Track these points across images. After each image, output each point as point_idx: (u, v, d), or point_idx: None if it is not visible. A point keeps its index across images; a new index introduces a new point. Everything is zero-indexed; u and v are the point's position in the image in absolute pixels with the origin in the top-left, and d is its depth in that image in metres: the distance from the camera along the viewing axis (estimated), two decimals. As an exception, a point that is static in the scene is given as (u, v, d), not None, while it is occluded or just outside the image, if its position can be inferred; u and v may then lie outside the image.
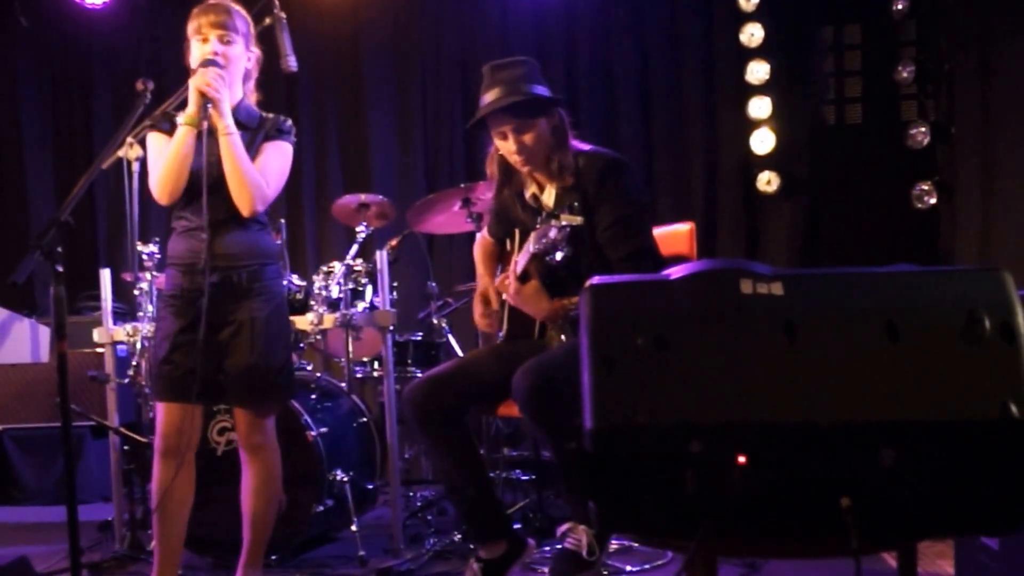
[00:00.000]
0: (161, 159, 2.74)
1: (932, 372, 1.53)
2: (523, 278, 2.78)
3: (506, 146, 2.86)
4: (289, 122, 2.91)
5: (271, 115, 2.90)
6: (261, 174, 2.78)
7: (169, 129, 2.77)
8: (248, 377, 2.77)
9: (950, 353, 1.53)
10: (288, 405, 3.37)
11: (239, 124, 2.82)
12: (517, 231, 3.00)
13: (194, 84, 2.68)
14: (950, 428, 1.51)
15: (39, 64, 6.12)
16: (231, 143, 2.71)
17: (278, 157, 2.85)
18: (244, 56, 2.84)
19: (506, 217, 3.08)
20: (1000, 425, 1.50)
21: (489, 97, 2.83)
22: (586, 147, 2.90)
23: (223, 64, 2.73)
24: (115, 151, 2.67)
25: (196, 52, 2.76)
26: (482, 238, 3.25)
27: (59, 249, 2.26)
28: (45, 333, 3.60)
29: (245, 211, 2.75)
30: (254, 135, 2.84)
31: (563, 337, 2.86)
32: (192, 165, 2.74)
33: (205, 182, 2.69)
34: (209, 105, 2.67)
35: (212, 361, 2.78)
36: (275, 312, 2.83)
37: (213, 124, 2.70)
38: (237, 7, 2.85)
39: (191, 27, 2.80)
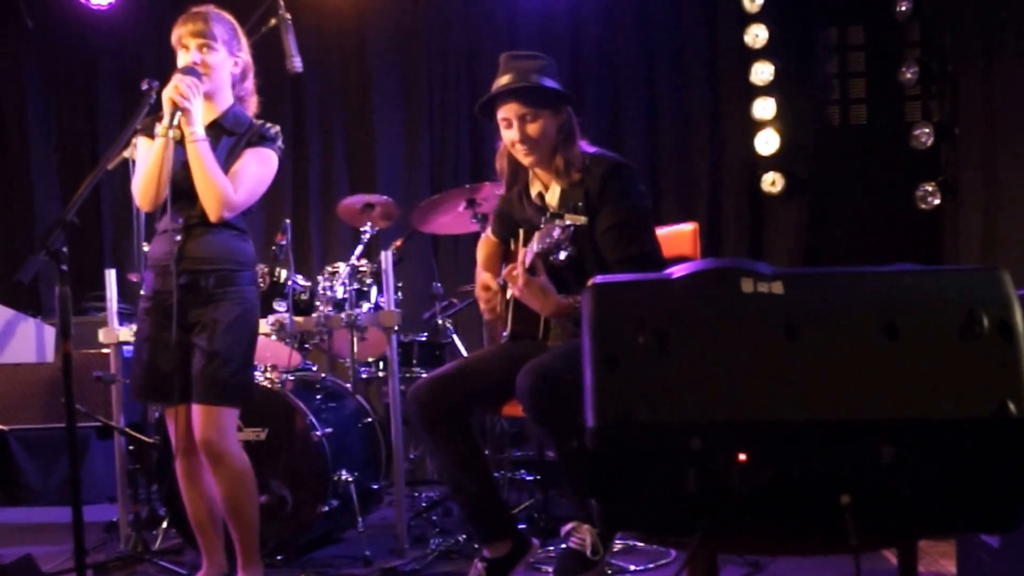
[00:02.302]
0: (141, 167, 2.78)
1: (931, 370, 1.54)
2: (531, 271, 2.79)
3: (510, 134, 2.88)
4: (275, 129, 2.90)
5: (260, 121, 2.91)
6: (233, 179, 2.78)
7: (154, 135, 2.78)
8: (202, 376, 2.78)
9: (949, 351, 1.54)
10: (293, 405, 3.39)
11: (224, 130, 2.84)
12: (521, 231, 3.01)
13: (165, 94, 2.69)
14: (949, 426, 1.52)
15: (45, 65, 6.15)
16: (198, 150, 2.73)
17: (254, 164, 2.84)
18: (228, 62, 2.85)
19: (510, 217, 3.09)
20: (998, 423, 1.51)
21: (501, 81, 2.86)
22: (591, 149, 2.92)
23: (201, 73, 2.75)
24: (120, 152, 2.68)
25: (179, 62, 2.79)
26: (486, 238, 3.26)
27: (64, 249, 2.27)
28: (50, 333, 3.63)
29: (212, 217, 2.78)
30: (238, 141, 2.84)
31: (566, 337, 2.87)
32: (172, 171, 2.77)
33: (169, 189, 2.72)
34: (179, 113, 2.68)
35: (187, 361, 2.82)
36: (240, 317, 2.83)
37: (182, 132, 2.71)
38: (220, 14, 2.86)
39: (174, 37, 2.82)
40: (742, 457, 1.54)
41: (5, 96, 6.13)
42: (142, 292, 2.94)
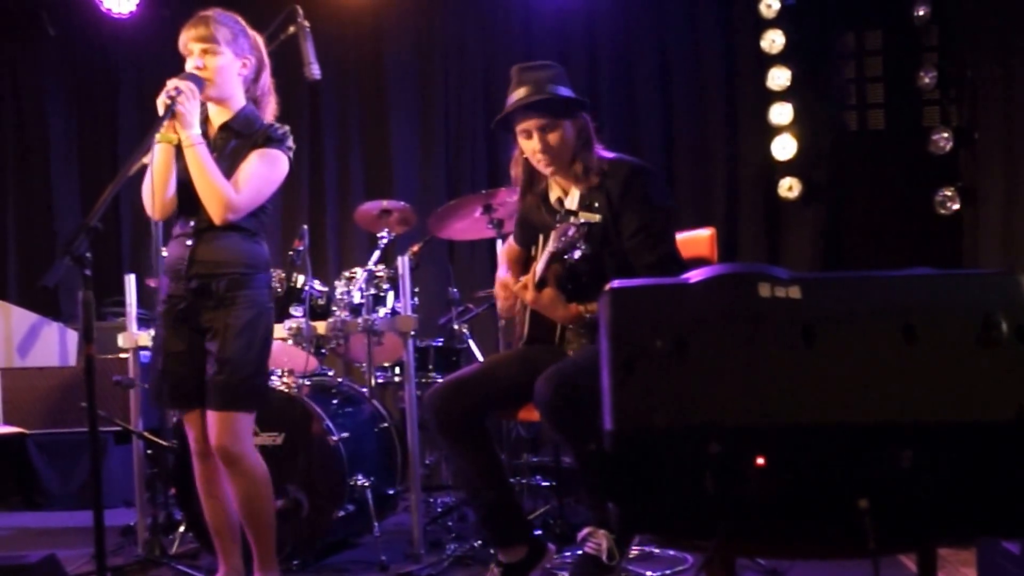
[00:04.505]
0: (147, 176, 2.78)
1: (949, 374, 1.54)
2: (540, 285, 2.80)
3: (530, 145, 2.89)
4: (283, 130, 2.86)
5: (269, 123, 2.88)
6: (236, 182, 2.76)
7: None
8: (214, 383, 2.77)
9: (967, 355, 1.54)
10: (309, 409, 3.40)
11: (234, 132, 2.84)
12: (541, 236, 3.02)
13: (159, 100, 2.68)
14: (967, 430, 1.52)
15: (66, 73, 6.20)
16: (196, 154, 2.71)
17: (259, 165, 2.80)
18: (235, 64, 2.82)
19: (529, 222, 3.10)
20: (1017, 427, 1.50)
21: (517, 95, 2.87)
22: (611, 154, 2.93)
23: (202, 77, 2.74)
24: (141, 158, 2.70)
25: (187, 67, 2.78)
26: (509, 245, 3.27)
27: (88, 255, 2.29)
28: (73, 337, 3.66)
29: (215, 220, 2.76)
30: (246, 144, 2.82)
31: (583, 342, 2.88)
32: (178, 176, 2.78)
33: (174, 194, 2.74)
34: (169, 117, 2.65)
35: (202, 366, 2.83)
36: (252, 322, 2.80)
37: (177, 136, 2.70)
38: (226, 15, 2.84)
39: (180, 43, 2.81)
40: (760, 461, 1.54)
41: (27, 103, 6.19)
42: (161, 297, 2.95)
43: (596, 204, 2.81)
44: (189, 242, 2.82)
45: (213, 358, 2.78)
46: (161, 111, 2.66)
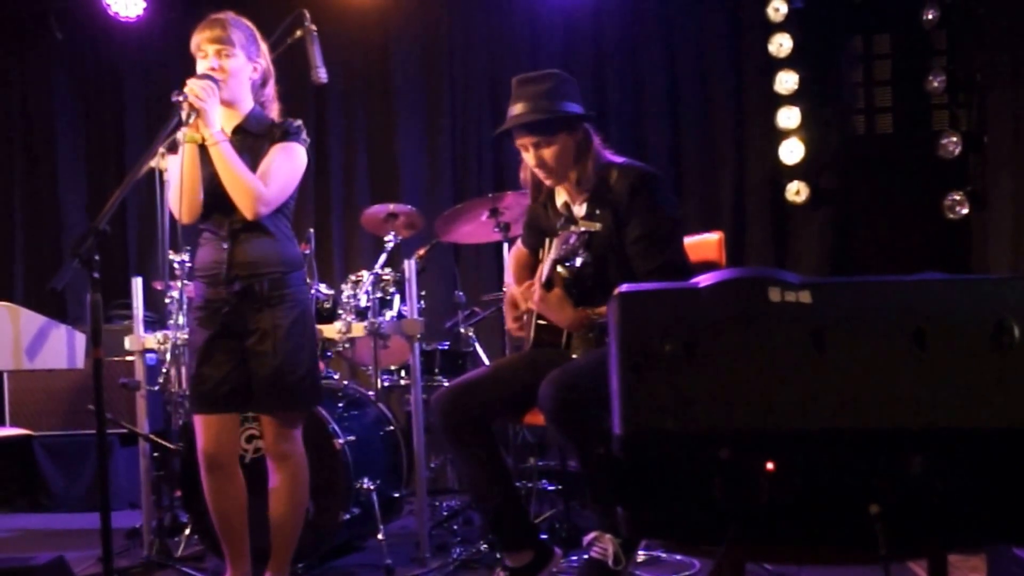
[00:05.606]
0: (173, 181, 2.79)
1: (960, 379, 1.53)
2: (547, 286, 2.80)
3: (529, 158, 2.90)
4: (297, 123, 2.90)
5: (283, 119, 2.91)
6: (262, 176, 2.78)
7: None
8: (272, 386, 2.80)
9: (978, 360, 1.53)
10: (315, 413, 3.40)
11: (249, 133, 2.86)
12: (547, 240, 3.02)
13: (182, 101, 2.68)
14: (979, 435, 1.51)
15: (73, 76, 6.22)
16: (221, 151, 2.74)
17: (281, 158, 2.83)
18: (247, 67, 2.86)
19: (537, 226, 3.10)
20: (1029, 433, 1.49)
21: (514, 111, 2.87)
22: (619, 160, 2.92)
23: (218, 79, 2.75)
24: (148, 161, 2.70)
25: (198, 69, 2.80)
26: (517, 249, 3.27)
27: (96, 257, 2.29)
28: (81, 340, 3.66)
29: (248, 215, 2.78)
30: (263, 142, 2.85)
31: (589, 346, 2.87)
32: (206, 180, 2.79)
33: (201, 195, 2.76)
34: (193, 114, 2.67)
35: (241, 369, 2.82)
36: (299, 319, 2.86)
37: (201, 135, 2.72)
38: (239, 19, 2.87)
39: (193, 44, 2.83)
40: (770, 466, 1.53)
41: (34, 107, 6.20)
42: (192, 302, 2.95)
43: (598, 212, 2.81)
44: (225, 245, 2.83)
45: (263, 360, 2.80)
46: (184, 112, 2.67)
